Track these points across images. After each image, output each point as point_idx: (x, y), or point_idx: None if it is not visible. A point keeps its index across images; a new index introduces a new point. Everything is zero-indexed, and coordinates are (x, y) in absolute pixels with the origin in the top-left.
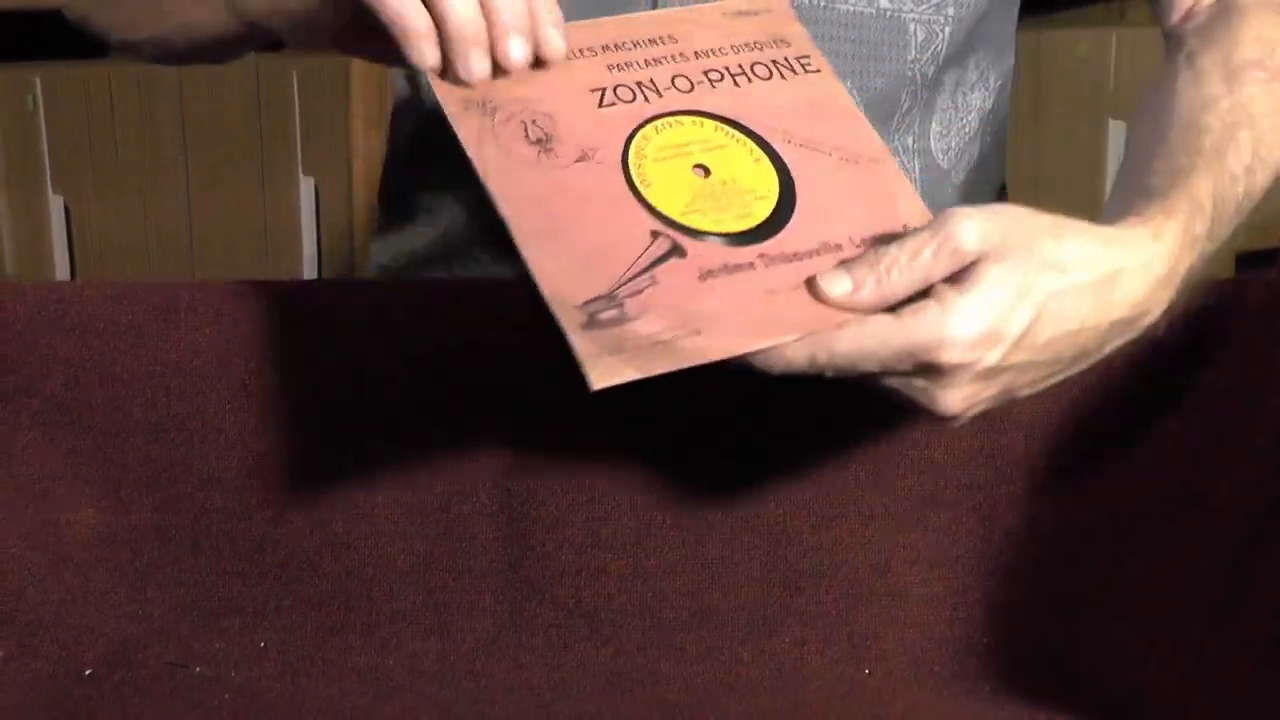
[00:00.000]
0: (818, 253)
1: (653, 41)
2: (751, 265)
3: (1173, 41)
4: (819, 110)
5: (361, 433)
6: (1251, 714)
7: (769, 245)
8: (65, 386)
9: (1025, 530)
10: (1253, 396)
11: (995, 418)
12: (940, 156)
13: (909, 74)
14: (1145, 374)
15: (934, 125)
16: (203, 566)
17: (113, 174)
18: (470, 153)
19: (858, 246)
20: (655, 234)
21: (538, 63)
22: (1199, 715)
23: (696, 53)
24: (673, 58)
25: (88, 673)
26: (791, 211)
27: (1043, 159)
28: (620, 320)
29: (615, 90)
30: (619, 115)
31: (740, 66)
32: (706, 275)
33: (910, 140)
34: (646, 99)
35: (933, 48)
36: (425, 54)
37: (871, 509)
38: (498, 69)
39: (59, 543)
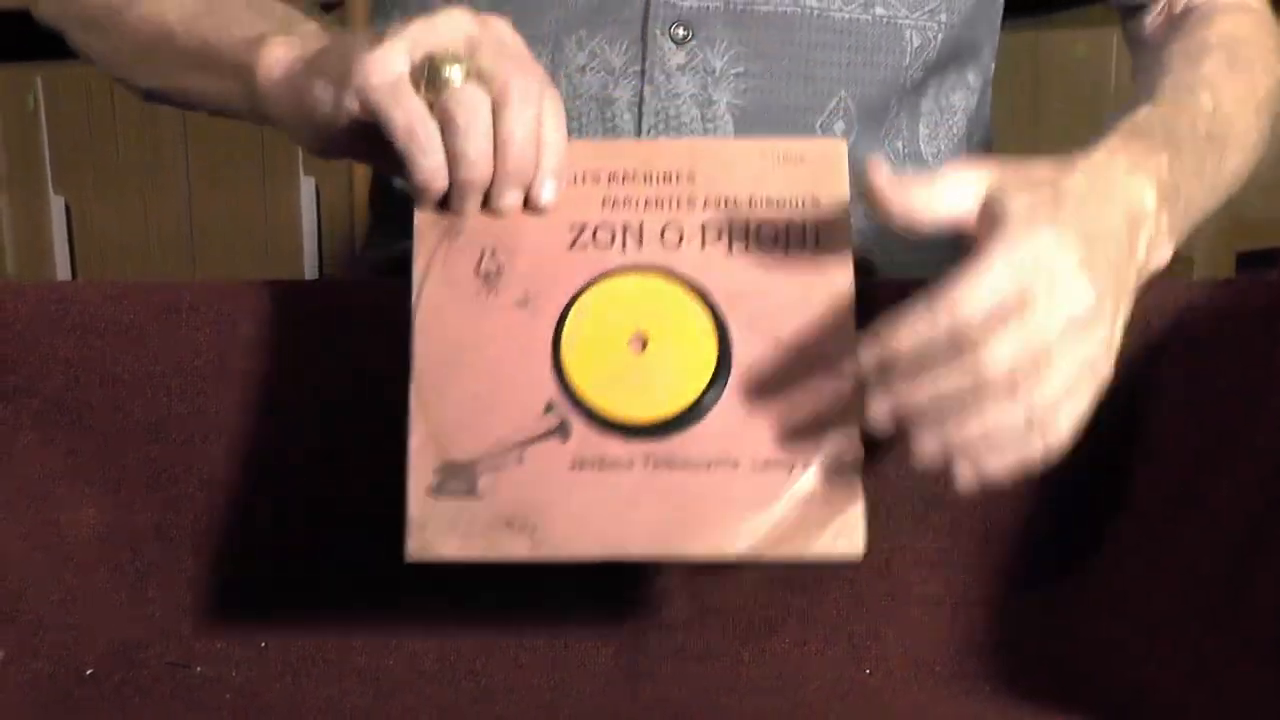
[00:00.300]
0: (707, 468)
1: (667, 177)
2: (630, 465)
3: (1144, 51)
4: (804, 297)
5: (361, 433)
6: (1251, 714)
7: (662, 446)
8: (65, 386)
9: (1025, 530)
10: (1253, 397)
11: None
12: (931, 160)
13: (901, 80)
14: (1145, 374)
15: (921, 128)
16: (203, 566)
17: (113, 174)
18: (416, 270)
19: (754, 469)
20: (550, 406)
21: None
22: (1199, 715)
23: (707, 200)
24: (677, 202)
25: (88, 673)
26: (708, 411)
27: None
28: (467, 494)
29: (595, 232)
30: (584, 260)
31: (746, 226)
32: (578, 465)
33: (900, 145)
34: (623, 247)
35: (925, 54)
36: (433, 205)
37: (872, 509)
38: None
39: (59, 543)
